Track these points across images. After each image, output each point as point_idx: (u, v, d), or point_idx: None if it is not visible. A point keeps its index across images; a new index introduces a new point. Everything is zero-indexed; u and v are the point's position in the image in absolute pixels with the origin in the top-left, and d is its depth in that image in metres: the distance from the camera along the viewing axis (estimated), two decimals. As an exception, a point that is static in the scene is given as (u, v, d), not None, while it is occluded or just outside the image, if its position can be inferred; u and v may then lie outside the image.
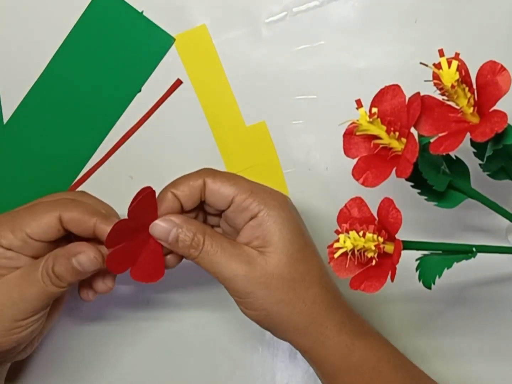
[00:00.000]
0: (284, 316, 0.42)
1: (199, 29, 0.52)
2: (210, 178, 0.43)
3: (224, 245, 0.42)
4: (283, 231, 0.42)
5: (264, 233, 0.42)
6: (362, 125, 0.39)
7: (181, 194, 0.43)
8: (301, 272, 0.42)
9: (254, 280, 0.42)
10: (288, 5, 0.51)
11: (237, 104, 0.52)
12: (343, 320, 0.43)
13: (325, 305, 0.43)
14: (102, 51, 0.53)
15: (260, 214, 0.42)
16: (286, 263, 0.42)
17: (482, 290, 0.51)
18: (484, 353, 0.51)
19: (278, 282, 0.42)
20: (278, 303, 0.42)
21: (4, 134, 0.54)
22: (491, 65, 0.36)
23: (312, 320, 0.43)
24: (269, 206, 0.42)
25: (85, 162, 0.54)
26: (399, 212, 0.38)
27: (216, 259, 0.42)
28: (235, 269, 0.42)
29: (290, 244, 0.42)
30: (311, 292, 0.43)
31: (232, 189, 0.43)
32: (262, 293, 0.42)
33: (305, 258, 0.43)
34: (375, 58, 0.50)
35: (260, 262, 0.42)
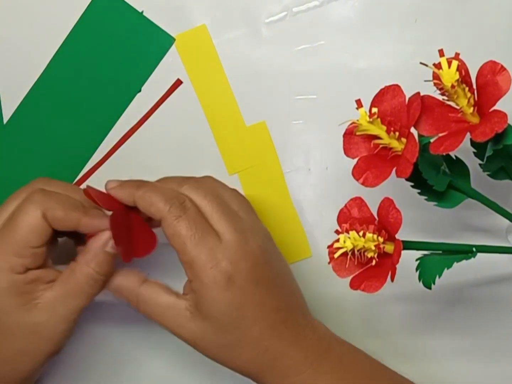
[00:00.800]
0: (224, 365, 0.44)
1: (199, 29, 0.52)
2: (171, 215, 0.42)
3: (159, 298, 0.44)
4: (210, 308, 0.42)
5: (197, 299, 0.42)
6: (362, 125, 0.39)
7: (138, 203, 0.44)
8: (232, 340, 0.42)
9: (187, 339, 0.43)
10: (288, 5, 0.51)
11: (237, 104, 0.52)
12: (286, 371, 0.43)
13: (261, 365, 0.43)
14: (102, 51, 0.53)
15: (193, 283, 0.42)
16: (214, 332, 0.42)
17: (482, 290, 0.51)
18: (484, 353, 0.51)
19: (207, 345, 0.43)
20: (214, 357, 0.44)
21: (4, 134, 0.54)
22: (491, 65, 0.36)
23: (249, 373, 0.43)
24: (203, 282, 0.42)
25: (85, 162, 0.54)
26: (399, 212, 0.38)
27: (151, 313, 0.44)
28: (167, 326, 0.44)
29: (216, 319, 0.42)
30: (244, 356, 0.43)
31: (177, 247, 0.42)
32: (197, 348, 0.44)
33: (236, 329, 0.42)
34: (375, 58, 0.50)
35: (189, 325, 0.43)
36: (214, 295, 0.41)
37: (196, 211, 0.43)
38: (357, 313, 0.52)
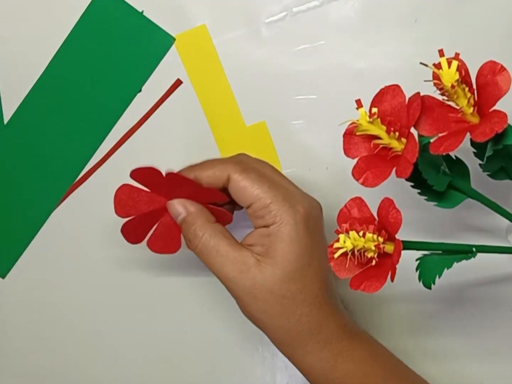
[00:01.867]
0: (265, 325, 0.43)
1: (199, 29, 0.52)
2: (236, 174, 0.43)
3: (222, 247, 0.43)
4: (286, 250, 0.42)
5: (268, 245, 0.42)
6: (362, 125, 0.39)
7: (204, 180, 0.44)
8: (293, 291, 0.42)
9: (243, 287, 0.42)
10: (288, 5, 0.51)
11: (237, 104, 0.52)
12: (328, 338, 0.43)
13: (311, 324, 0.43)
14: (102, 51, 0.53)
15: (271, 226, 0.42)
16: (279, 280, 0.42)
17: (482, 290, 0.51)
18: (484, 353, 0.51)
19: (266, 295, 0.42)
20: (262, 313, 0.43)
21: (5, 134, 0.54)
22: (491, 65, 0.36)
23: (293, 336, 0.43)
24: (283, 222, 0.42)
25: (85, 162, 0.54)
26: (399, 212, 0.38)
27: (210, 258, 0.43)
28: (226, 273, 0.42)
29: (288, 263, 0.42)
30: (299, 311, 0.43)
31: (252, 195, 0.43)
32: (248, 300, 0.43)
33: (302, 277, 0.43)
34: (375, 58, 0.50)
35: (253, 272, 0.42)
36: (292, 235, 0.42)
37: (252, 166, 0.44)
38: (357, 313, 0.52)
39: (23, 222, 0.55)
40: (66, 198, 0.55)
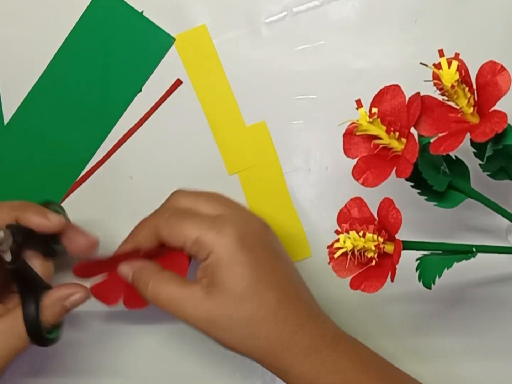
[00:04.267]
0: (242, 350, 0.43)
1: (199, 29, 0.52)
2: (160, 225, 0.44)
3: (171, 291, 0.43)
4: (228, 274, 0.42)
5: (211, 274, 0.42)
6: (362, 125, 0.39)
7: (144, 245, 0.45)
8: (251, 310, 0.42)
9: (203, 321, 0.42)
10: (288, 5, 0.51)
11: (237, 104, 0.52)
12: (306, 350, 0.42)
13: (280, 339, 0.42)
14: (102, 51, 0.53)
15: (209, 257, 0.42)
16: (232, 304, 0.42)
17: (482, 290, 0.51)
18: (484, 353, 0.51)
19: (225, 322, 0.42)
20: (231, 340, 0.42)
21: (5, 135, 0.54)
22: (491, 65, 0.36)
23: (269, 353, 0.42)
24: (215, 250, 0.42)
25: (85, 163, 0.54)
26: (399, 212, 0.38)
27: (164, 305, 0.43)
28: (183, 313, 0.43)
29: (235, 286, 0.42)
30: (264, 329, 0.42)
31: (179, 238, 0.43)
32: (214, 332, 0.43)
33: (255, 295, 0.42)
34: (375, 58, 0.50)
35: (205, 304, 0.42)
36: (228, 258, 0.42)
37: (179, 209, 0.45)
38: (357, 313, 0.52)
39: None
40: (66, 198, 0.55)
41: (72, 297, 0.45)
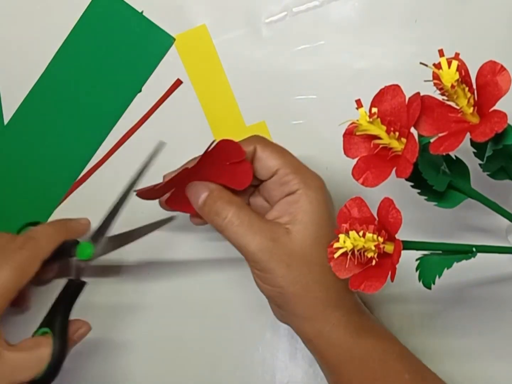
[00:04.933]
0: (298, 298, 0.42)
1: (199, 29, 0.52)
2: (260, 145, 0.44)
3: (251, 218, 0.43)
4: (315, 213, 0.43)
5: (297, 211, 0.43)
6: (362, 125, 0.39)
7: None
8: (323, 257, 0.42)
9: (277, 257, 0.42)
10: (288, 5, 0.51)
11: (237, 104, 0.52)
12: (351, 311, 0.43)
13: (338, 294, 0.43)
14: (102, 51, 0.53)
15: (298, 191, 0.43)
16: (310, 245, 0.42)
17: (482, 290, 0.51)
18: (484, 353, 0.51)
19: (298, 262, 0.42)
20: (295, 284, 0.42)
21: (5, 134, 0.54)
22: (491, 65, 0.36)
23: (323, 308, 0.43)
24: (309, 187, 0.43)
25: (85, 163, 0.54)
26: (399, 212, 0.38)
27: (241, 231, 0.42)
28: (259, 244, 0.42)
29: (318, 228, 0.42)
30: (327, 279, 0.42)
31: (279, 161, 0.44)
32: (282, 271, 0.42)
33: (329, 243, 0.43)
34: (375, 58, 0.50)
35: (284, 240, 0.42)
36: (319, 198, 0.43)
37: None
38: (357, 313, 0.52)
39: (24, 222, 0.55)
40: (66, 198, 0.55)
41: (79, 331, 0.47)
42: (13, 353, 0.43)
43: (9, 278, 0.43)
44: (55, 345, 0.44)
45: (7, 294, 0.43)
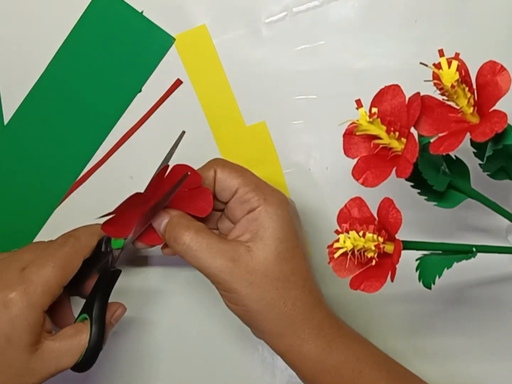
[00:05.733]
0: (263, 315, 0.43)
1: (199, 29, 0.52)
2: (219, 167, 0.45)
3: (210, 241, 0.43)
4: (276, 228, 0.43)
5: (257, 228, 0.43)
6: (362, 125, 0.39)
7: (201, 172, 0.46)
8: (286, 272, 0.43)
9: (238, 276, 0.42)
10: (288, 5, 0.51)
11: (237, 104, 0.52)
12: (321, 323, 0.43)
13: (305, 308, 0.43)
14: (102, 51, 0.53)
15: (258, 208, 0.43)
16: (272, 261, 0.42)
17: (482, 290, 0.51)
18: (483, 353, 0.51)
19: (261, 279, 0.42)
20: (259, 301, 0.42)
21: (5, 135, 0.54)
22: (491, 65, 0.36)
23: (290, 323, 0.43)
24: (269, 203, 0.44)
25: (85, 163, 0.54)
26: (399, 212, 0.38)
27: (200, 255, 0.43)
28: (219, 265, 0.42)
29: (279, 242, 0.43)
30: (293, 294, 0.43)
31: (238, 180, 0.44)
32: (245, 289, 0.42)
33: (293, 259, 0.43)
34: (375, 58, 0.50)
35: (245, 258, 0.42)
36: (279, 214, 0.43)
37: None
38: (357, 313, 0.52)
39: (24, 222, 0.55)
40: (66, 198, 0.55)
41: (116, 313, 0.47)
42: (55, 342, 0.44)
43: (52, 275, 0.44)
44: (94, 330, 0.45)
45: (51, 291, 0.44)
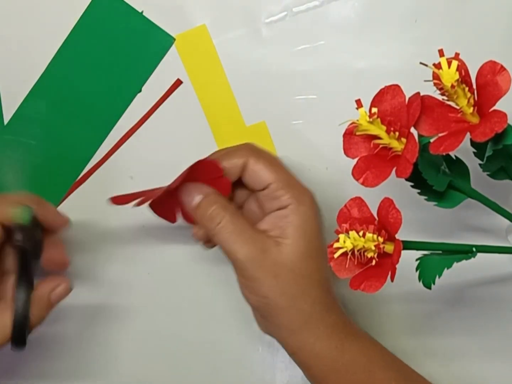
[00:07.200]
0: (283, 310, 0.43)
1: (199, 29, 0.52)
2: (253, 158, 0.44)
3: (244, 226, 0.43)
4: (305, 228, 0.43)
5: (287, 225, 0.43)
6: (362, 125, 0.39)
7: (226, 168, 0.45)
8: (310, 270, 0.43)
9: (265, 267, 0.42)
10: (288, 5, 0.51)
11: (237, 104, 0.52)
12: (335, 323, 0.44)
13: (323, 306, 0.43)
14: (102, 51, 0.53)
15: (289, 206, 0.43)
16: (299, 258, 0.43)
17: (482, 290, 0.51)
18: (484, 353, 0.51)
19: (286, 274, 0.42)
20: (281, 295, 0.42)
21: (5, 135, 0.54)
22: (491, 65, 0.36)
23: (307, 320, 0.43)
24: (300, 202, 0.44)
25: (86, 163, 0.54)
26: (399, 212, 0.38)
27: (232, 237, 0.43)
28: (248, 252, 0.42)
29: (307, 242, 0.43)
30: (314, 292, 0.43)
31: (271, 176, 0.44)
32: (269, 281, 0.42)
33: (318, 258, 0.43)
34: (375, 58, 0.50)
35: (274, 252, 0.42)
36: (310, 214, 0.43)
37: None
38: (357, 313, 0.52)
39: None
40: (66, 198, 0.55)
41: (57, 289, 0.45)
42: None
43: None
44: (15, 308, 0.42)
45: None
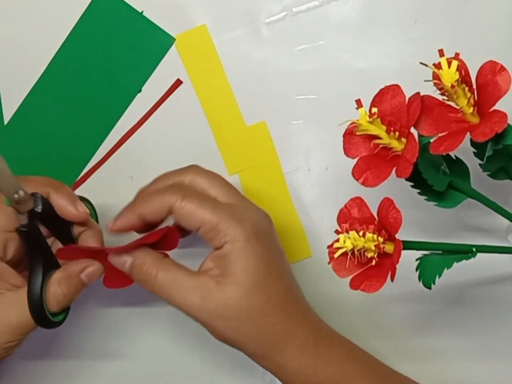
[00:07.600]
0: (243, 344, 0.43)
1: (199, 29, 0.52)
2: (177, 202, 0.42)
3: (179, 278, 0.42)
4: (245, 264, 0.42)
5: (225, 264, 0.42)
6: (362, 125, 0.39)
7: (148, 216, 0.44)
8: (260, 302, 0.42)
9: (210, 312, 0.42)
10: (288, 5, 0.51)
11: (237, 104, 0.52)
12: (305, 342, 0.43)
13: (285, 331, 0.42)
14: (102, 51, 0.53)
15: (225, 246, 0.42)
16: (244, 295, 0.42)
17: (482, 290, 0.51)
18: (484, 353, 0.51)
19: (234, 312, 0.42)
20: (235, 333, 0.42)
21: (5, 135, 0.54)
22: (491, 65, 0.36)
23: (270, 347, 0.42)
24: (234, 238, 0.42)
25: (86, 163, 0.54)
26: (399, 212, 0.38)
27: (171, 293, 0.42)
28: (190, 302, 0.42)
29: (250, 276, 0.42)
30: (271, 320, 0.42)
31: (198, 219, 0.42)
32: (220, 323, 0.42)
33: (266, 288, 0.42)
34: (375, 58, 0.50)
35: (216, 294, 0.42)
36: (246, 249, 0.42)
37: (194, 189, 0.44)
38: (357, 313, 0.52)
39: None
40: (66, 198, 0.55)
41: (88, 269, 0.45)
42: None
43: None
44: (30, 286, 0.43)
45: None
